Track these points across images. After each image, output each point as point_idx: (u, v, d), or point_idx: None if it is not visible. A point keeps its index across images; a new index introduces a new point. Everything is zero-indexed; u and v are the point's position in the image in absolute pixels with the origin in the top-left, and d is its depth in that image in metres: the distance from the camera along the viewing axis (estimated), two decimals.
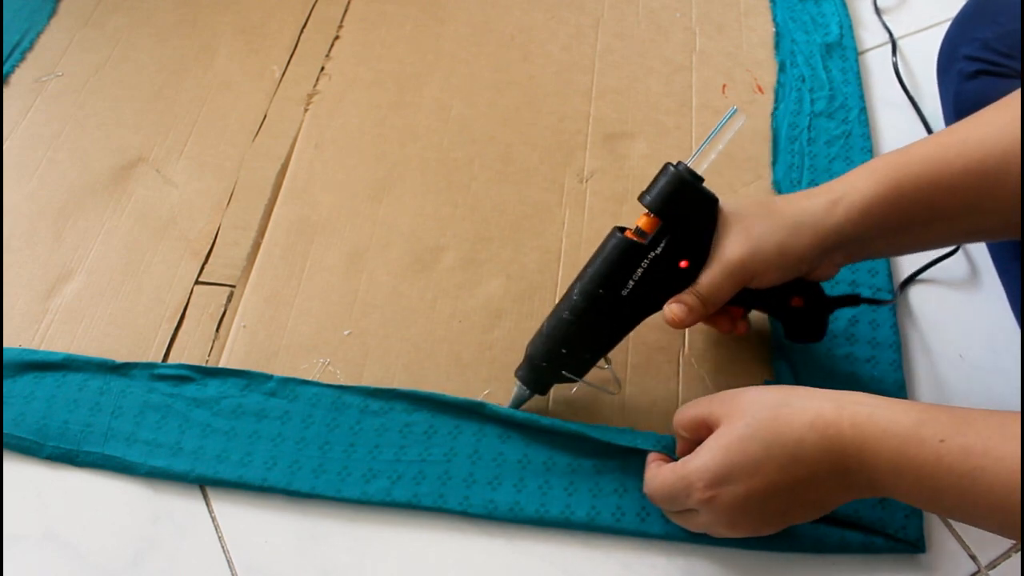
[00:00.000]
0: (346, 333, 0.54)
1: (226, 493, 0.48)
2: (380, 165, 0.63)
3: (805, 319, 0.48)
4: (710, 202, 0.43)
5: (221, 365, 0.52)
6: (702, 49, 0.71)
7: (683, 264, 0.43)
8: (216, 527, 0.47)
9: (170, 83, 0.68)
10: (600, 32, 0.72)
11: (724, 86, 0.68)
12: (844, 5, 0.73)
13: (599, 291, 0.43)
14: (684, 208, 0.42)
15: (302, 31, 0.72)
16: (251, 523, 0.47)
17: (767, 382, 0.51)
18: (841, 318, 0.54)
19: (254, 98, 0.67)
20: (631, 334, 0.45)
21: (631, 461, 0.48)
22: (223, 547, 0.46)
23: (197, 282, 0.57)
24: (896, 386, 0.51)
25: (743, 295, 0.44)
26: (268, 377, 0.51)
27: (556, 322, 0.45)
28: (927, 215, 0.41)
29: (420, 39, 0.72)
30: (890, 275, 0.56)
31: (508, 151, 0.64)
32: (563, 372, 0.46)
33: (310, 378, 0.52)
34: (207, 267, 0.57)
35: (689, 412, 0.42)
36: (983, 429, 0.34)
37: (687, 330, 0.54)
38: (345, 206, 0.60)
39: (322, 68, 0.70)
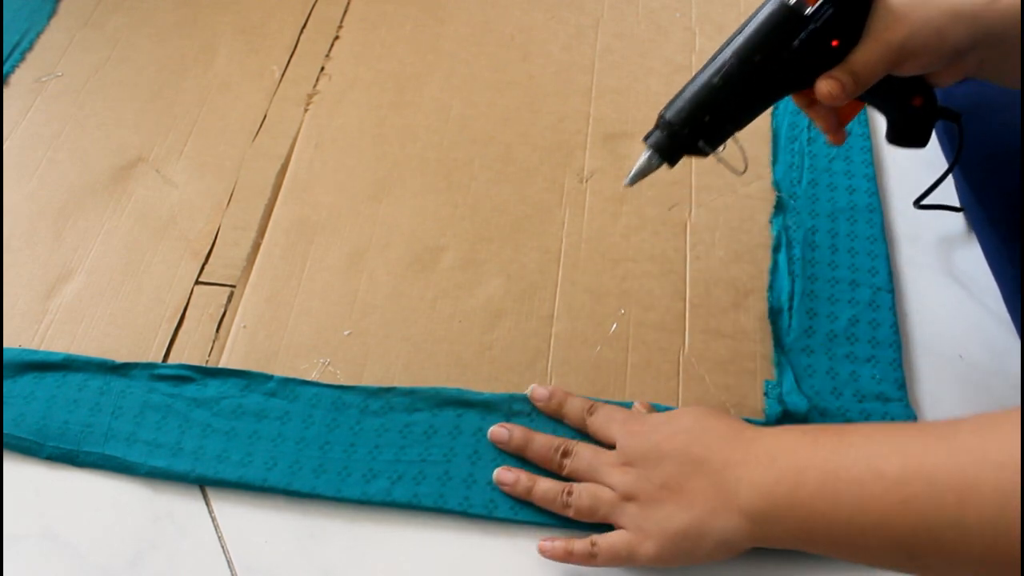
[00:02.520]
0: (346, 333, 0.54)
1: (226, 493, 0.48)
2: (380, 165, 0.63)
3: (918, 122, 0.47)
4: None
5: (221, 365, 0.52)
6: (702, 49, 0.71)
7: (834, 43, 0.42)
8: (216, 527, 0.47)
9: (170, 83, 0.68)
10: (600, 32, 0.72)
11: None
12: None
13: (755, 58, 0.42)
14: None
15: (302, 31, 0.72)
16: (251, 523, 0.47)
17: (768, 383, 0.51)
18: (841, 318, 0.54)
19: (254, 98, 0.67)
20: (631, 334, 0.45)
21: None
22: (223, 547, 0.46)
23: (197, 282, 0.57)
24: (896, 386, 0.51)
25: (878, 83, 0.43)
26: (268, 377, 0.51)
27: (703, 87, 0.43)
28: None
29: (420, 39, 0.72)
30: (890, 274, 0.56)
31: (508, 151, 0.64)
32: (699, 142, 0.44)
33: (310, 378, 0.52)
34: (207, 267, 0.57)
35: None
36: (857, 427, 0.38)
37: (687, 330, 0.54)
38: (345, 206, 0.60)
39: (322, 68, 0.70)
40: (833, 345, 0.53)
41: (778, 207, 0.59)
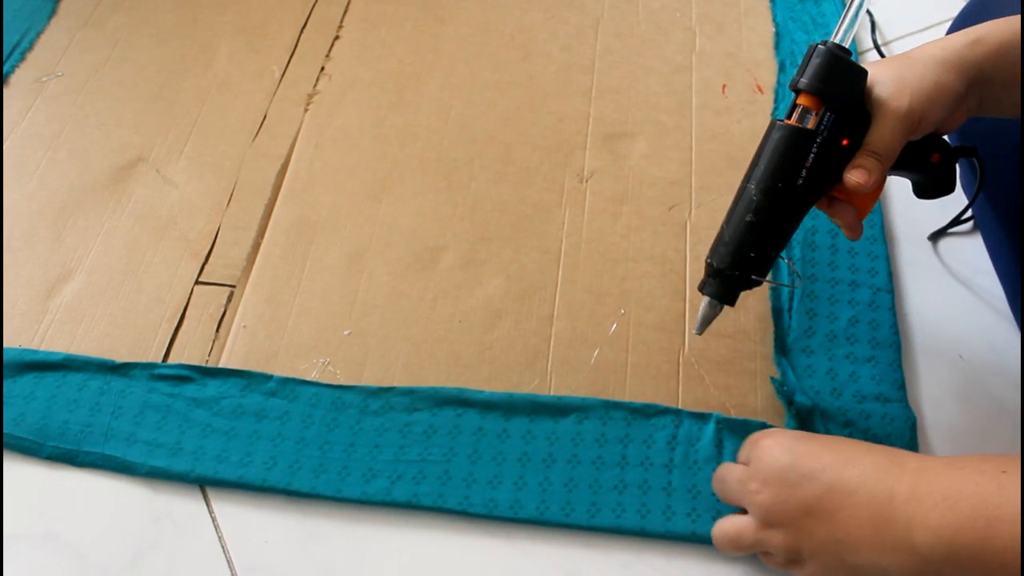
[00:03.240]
0: (346, 333, 0.54)
1: (226, 493, 0.48)
2: (380, 165, 0.63)
3: (941, 174, 0.48)
4: (862, 74, 0.42)
5: (221, 365, 0.52)
6: (702, 49, 0.71)
7: (844, 142, 0.43)
8: (216, 527, 0.47)
9: (170, 83, 0.68)
10: (600, 32, 0.72)
11: (724, 86, 0.68)
12: (844, 5, 0.73)
13: (778, 185, 0.43)
14: (841, 84, 0.42)
15: (302, 31, 0.72)
16: (251, 523, 0.47)
17: (773, 380, 0.51)
18: (841, 318, 0.54)
19: (254, 98, 0.67)
20: (631, 334, 0.45)
21: (630, 456, 0.48)
22: (223, 547, 0.46)
23: (197, 282, 0.57)
24: (896, 386, 0.51)
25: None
26: (268, 377, 0.51)
27: (741, 228, 0.44)
28: None
29: (420, 39, 0.72)
30: (890, 275, 0.56)
31: (508, 151, 0.64)
32: (751, 276, 0.45)
33: (310, 378, 0.52)
34: (207, 267, 0.57)
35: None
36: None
37: (687, 331, 0.54)
38: (345, 206, 0.60)
39: (322, 68, 0.70)
40: (833, 345, 0.53)
41: None
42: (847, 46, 0.43)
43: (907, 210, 0.59)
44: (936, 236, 0.58)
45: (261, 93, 0.68)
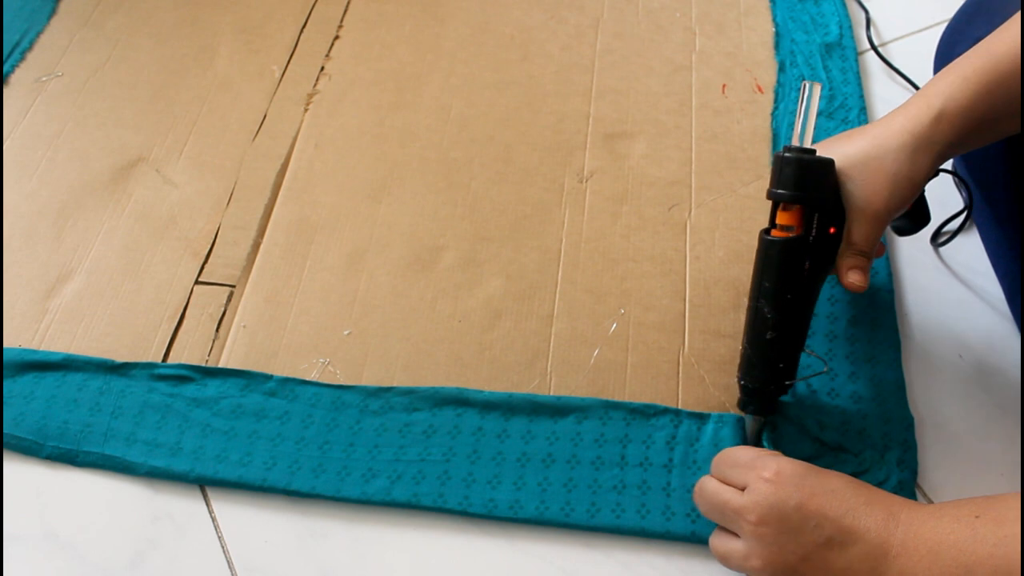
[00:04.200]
0: (346, 333, 0.54)
1: (226, 493, 0.48)
2: (380, 165, 0.63)
3: (914, 214, 0.51)
4: (830, 165, 0.44)
5: (221, 365, 0.52)
6: (702, 49, 0.71)
7: (832, 231, 0.45)
8: (216, 527, 0.47)
9: (170, 83, 0.69)
10: (600, 32, 0.72)
11: (724, 86, 0.68)
12: (844, 5, 0.73)
13: (787, 297, 0.45)
14: (815, 184, 0.44)
15: (302, 31, 0.72)
16: (251, 523, 0.47)
17: None
18: (841, 318, 0.54)
19: (254, 98, 0.67)
20: (630, 334, 0.45)
21: (629, 456, 0.48)
22: (223, 547, 0.46)
23: (197, 282, 0.57)
24: (896, 386, 0.51)
25: None
26: (268, 377, 0.51)
27: (763, 345, 0.46)
28: (1013, 109, 0.43)
29: (420, 39, 0.72)
30: (890, 275, 0.56)
31: (508, 151, 0.64)
32: (784, 383, 0.47)
33: (310, 378, 0.52)
34: (207, 267, 0.57)
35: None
36: (1012, 501, 0.36)
37: (686, 331, 0.54)
38: (345, 206, 0.60)
39: (322, 68, 0.70)
40: (833, 345, 0.53)
41: None
42: (808, 146, 0.45)
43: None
44: (936, 240, 0.58)
45: (261, 93, 0.68)
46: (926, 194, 0.51)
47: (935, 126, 0.43)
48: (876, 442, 0.48)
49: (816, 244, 0.45)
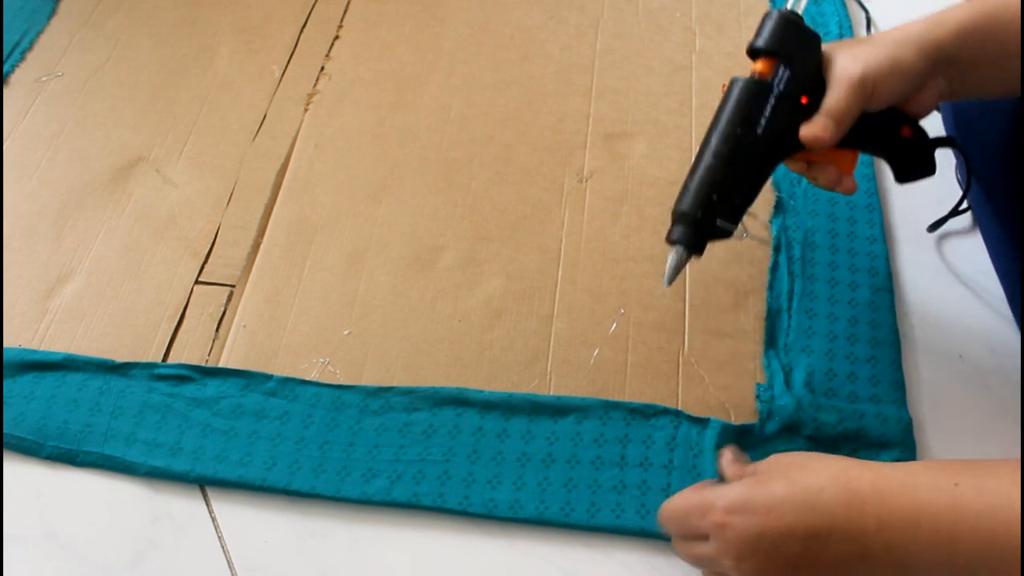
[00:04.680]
0: (346, 333, 0.54)
1: (226, 493, 0.48)
2: (380, 165, 0.63)
3: (916, 152, 0.48)
4: (815, 37, 0.45)
5: (221, 365, 0.52)
6: (702, 49, 0.71)
7: (804, 100, 0.45)
8: (216, 527, 0.47)
9: (170, 83, 0.69)
10: (600, 32, 0.72)
11: (724, 86, 0.67)
12: (844, 5, 0.73)
13: (736, 130, 0.44)
14: (794, 43, 0.44)
15: (302, 31, 0.73)
16: (251, 523, 0.47)
17: (759, 387, 0.51)
18: (841, 318, 0.54)
19: (254, 98, 0.67)
20: (630, 334, 0.45)
21: (629, 457, 0.48)
22: (223, 547, 0.46)
23: (197, 282, 0.57)
24: (896, 386, 0.51)
25: (859, 126, 0.45)
26: (268, 377, 0.51)
27: (702, 171, 0.45)
28: (1011, 50, 0.43)
29: (420, 39, 0.72)
30: (890, 275, 0.56)
31: (508, 151, 0.64)
32: (717, 222, 0.45)
33: (310, 378, 0.52)
34: (207, 267, 0.57)
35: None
36: (994, 467, 0.35)
37: (686, 331, 0.54)
38: (345, 206, 0.60)
39: (322, 68, 0.70)
40: (833, 345, 0.53)
41: (777, 207, 0.59)
42: (800, 13, 0.45)
43: (907, 210, 0.59)
44: (934, 227, 0.58)
45: (261, 93, 0.68)
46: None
47: (930, 28, 0.43)
48: (874, 442, 0.48)
49: (781, 101, 0.44)
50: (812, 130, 0.43)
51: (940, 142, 0.49)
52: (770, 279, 0.56)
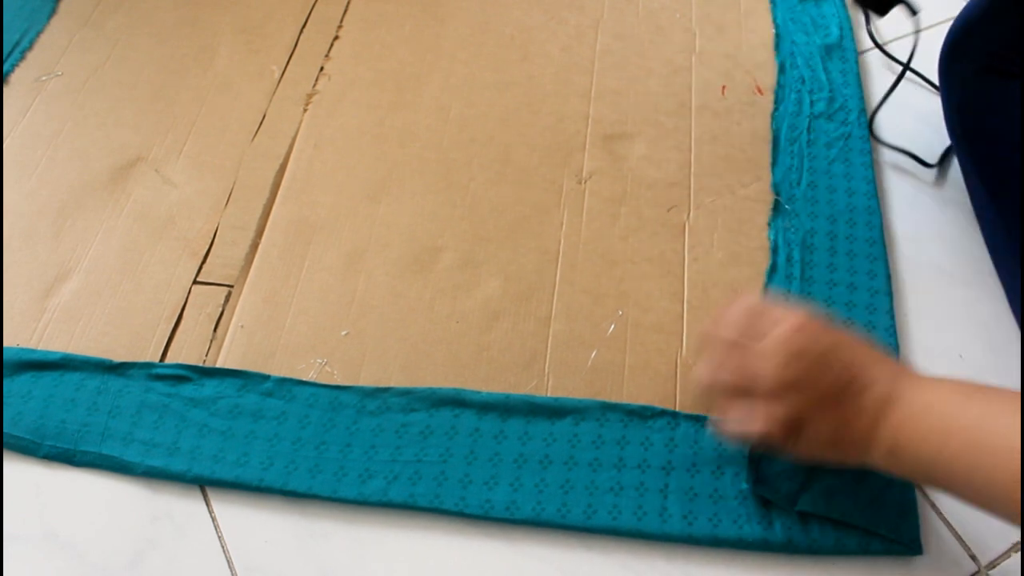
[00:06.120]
0: (344, 333, 0.54)
1: (226, 493, 0.48)
2: (379, 165, 0.63)
3: None
4: None
5: (218, 365, 0.52)
6: (702, 50, 0.71)
7: None
8: (216, 527, 0.47)
9: (170, 83, 0.69)
10: (600, 32, 0.72)
11: (724, 87, 0.68)
12: (844, 6, 0.73)
13: None
14: None
15: (302, 31, 0.72)
16: (251, 523, 0.47)
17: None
18: (840, 320, 0.54)
19: (253, 98, 0.67)
20: (628, 335, 0.45)
21: (627, 458, 0.48)
22: (223, 547, 0.46)
23: (195, 282, 0.57)
24: None
25: None
26: (265, 377, 0.51)
27: None
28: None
29: (420, 39, 0.72)
30: (888, 277, 0.56)
31: (507, 151, 0.64)
32: None
33: (307, 378, 0.52)
34: (205, 267, 0.57)
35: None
36: (1012, 396, 0.36)
37: (685, 332, 0.54)
38: (344, 206, 0.60)
39: (321, 68, 0.70)
40: None
41: (776, 209, 0.59)
42: None
43: (907, 210, 0.59)
44: (942, 163, 0.57)
45: (260, 93, 0.68)
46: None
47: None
48: None
49: None
50: None
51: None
52: (768, 282, 0.56)
